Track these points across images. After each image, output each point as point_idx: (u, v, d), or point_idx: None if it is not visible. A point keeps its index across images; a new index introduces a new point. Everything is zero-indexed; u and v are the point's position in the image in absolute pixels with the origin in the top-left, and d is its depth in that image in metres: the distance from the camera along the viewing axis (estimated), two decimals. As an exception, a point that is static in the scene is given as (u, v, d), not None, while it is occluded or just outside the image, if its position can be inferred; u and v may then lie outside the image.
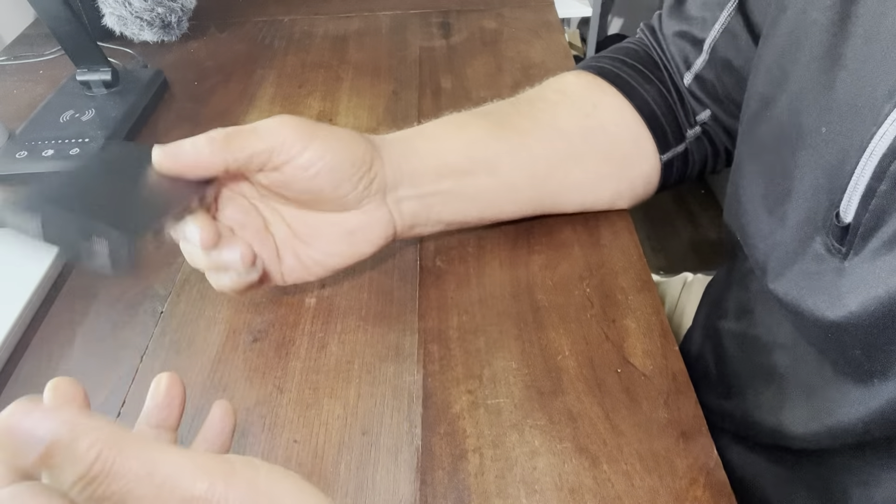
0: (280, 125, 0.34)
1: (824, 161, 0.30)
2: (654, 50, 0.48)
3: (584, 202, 0.46)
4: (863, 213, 0.27)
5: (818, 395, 0.33)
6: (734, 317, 0.44)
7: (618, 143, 0.45)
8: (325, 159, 0.35)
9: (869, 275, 0.27)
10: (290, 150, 0.34)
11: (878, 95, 0.27)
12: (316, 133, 0.35)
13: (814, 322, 0.30)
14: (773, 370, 0.38)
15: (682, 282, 0.63)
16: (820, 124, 0.30)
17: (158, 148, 0.32)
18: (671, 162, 0.46)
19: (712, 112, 0.45)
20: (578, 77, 0.47)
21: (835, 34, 0.30)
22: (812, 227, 0.31)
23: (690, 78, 0.45)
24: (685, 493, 0.33)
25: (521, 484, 0.33)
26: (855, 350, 0.28)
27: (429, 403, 0.37)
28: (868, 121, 0.27)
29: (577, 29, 1.88)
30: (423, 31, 0.75)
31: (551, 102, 0.45)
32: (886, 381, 0.27)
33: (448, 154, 0.41)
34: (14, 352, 0.42)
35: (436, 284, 0.44)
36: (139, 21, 0.71)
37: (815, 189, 0.31)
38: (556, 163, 0.43)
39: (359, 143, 0.37)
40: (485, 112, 0.45)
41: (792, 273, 0.32)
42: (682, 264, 1.56)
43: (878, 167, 0.26)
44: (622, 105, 0.45)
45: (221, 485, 0.19)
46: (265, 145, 0.34)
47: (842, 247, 0.29)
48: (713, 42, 0.43)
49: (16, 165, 0.56)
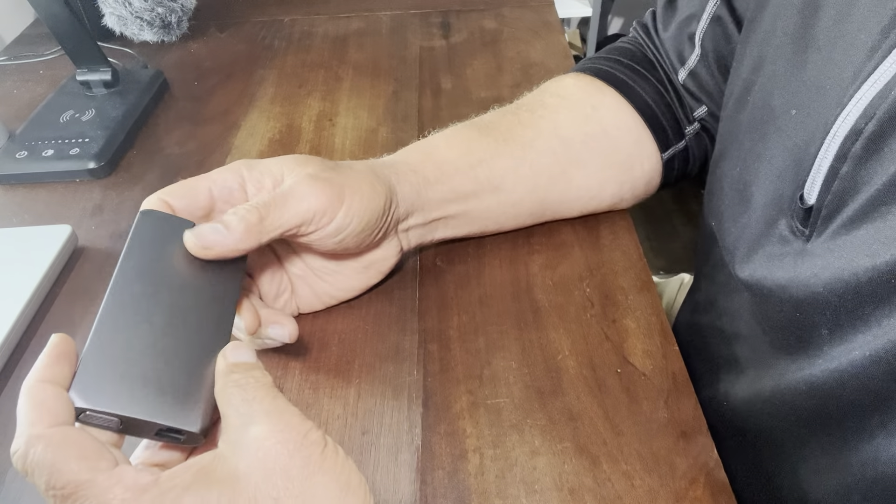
0: (310, 194, 0.33)
1: (791, 143, 0.30)
2: (648, 48, 0.48)
3: (585, 207, 0.46)
4: (825, 194, 0.27)
5: (766, 374, 0.34)
6: (703, 310, 0.44)
7: (619, 145, 0.45)
8: (353, 225, 0.35)
9: (831, 255, 0.27)
10: (320, 222, 0.34)
11: (844, 76, 0.27)
12: (342, 197, 0.34)
13: (779, 304, 0.30)
14: (733, 359, 0.39)
15: (679, 283, 0.64)
16: (790, 106, 0.30)
17: (192, 236, 0.31)
18: (672, 159, 0.46)
19: (708, 107, 0.45)
20: (577, 79, 0.47)
21: (807, 14, 0.30)
22: (777, 210, 0.31)
23: (685, 74, 0.45)
24: (685, 493, 0.33)
25: (521, 484, 0.33)
26: (822, 330, 0.28)
27: (429, 403, 0.37)
28: (833, 102, 0.27)
29: (577, 29, 1.88)
30: (423, 31, 0.75)
31: (551, 108, 0.45)
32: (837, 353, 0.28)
33: (455, 178, 0.41)
34: (14, 352, 0.42)
35: (436, 284, 0.44)
36: (139, 21, 0.71)
37: (781, 171, 0.31)
38: (558, 172, 0.44)
39: (380, 195, 0.36)
40: (489, 125, 0.44)
41: (758, 256, 0.32)
42: (682, 264, 1.56)
43: (841, 148, 0.26)
44: (621, 106, 0.45)
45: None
46: (298, 220, 0.33)
47: (805, 229, 0.29)
48: (702, 34, 0.43)
49: (16, 165, 0.56)
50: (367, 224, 0.36)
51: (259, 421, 0.25)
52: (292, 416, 0.25)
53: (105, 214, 0.53)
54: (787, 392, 0.32)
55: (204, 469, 0.24)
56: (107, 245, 0.50)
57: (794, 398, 0.31)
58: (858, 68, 0.26)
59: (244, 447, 0.24)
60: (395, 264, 0.42)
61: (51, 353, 0.26)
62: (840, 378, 0.28)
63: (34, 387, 0.24)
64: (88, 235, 0.51)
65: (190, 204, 0.33)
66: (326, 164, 0.36)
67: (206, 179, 0.34)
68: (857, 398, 0.27)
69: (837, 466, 0.30)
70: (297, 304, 0.41)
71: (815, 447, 0.32)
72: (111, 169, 0.57)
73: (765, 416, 0.35)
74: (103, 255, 0.49)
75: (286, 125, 0.61)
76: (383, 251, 0.40)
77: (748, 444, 0.38)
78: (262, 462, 0.24)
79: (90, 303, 0.45)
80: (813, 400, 0.30)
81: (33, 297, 0.44)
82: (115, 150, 0.58)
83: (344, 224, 0.35)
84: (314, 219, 0.34)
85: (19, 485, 0.36)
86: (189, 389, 0.27)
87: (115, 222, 0.52)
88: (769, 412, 0.34)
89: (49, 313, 0.45)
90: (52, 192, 0.56)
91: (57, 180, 0.56)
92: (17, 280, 0.45)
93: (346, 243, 0.36)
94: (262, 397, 0.26)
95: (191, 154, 0.59)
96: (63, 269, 0.48)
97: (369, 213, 0.35)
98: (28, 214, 0.53)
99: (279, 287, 0.39)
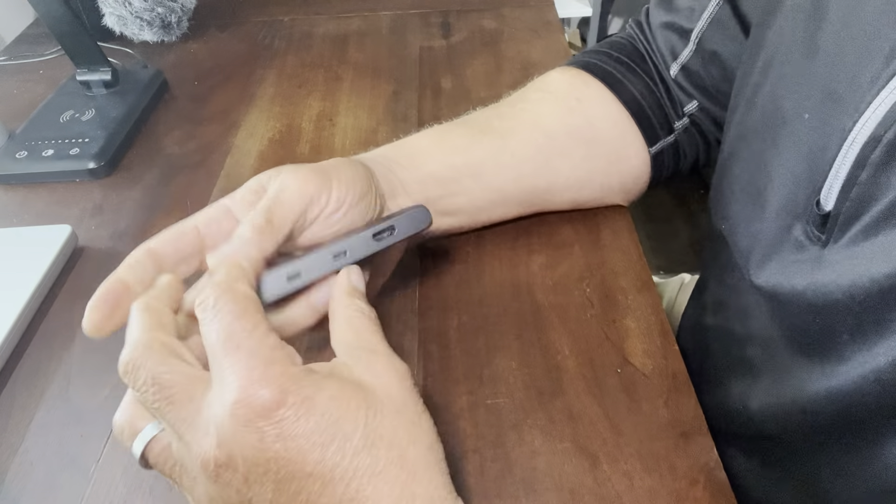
0: (299, 182, 0.33)
1: (805, 148, 0.30)
2: (640, 42, 0.48)
3: (574, 199, 0.46)
4: (843, 201, 0.27)
5: (785, 380, 0.33)
6: (712, 311, 0.44)
7: (604, 137, 0.45)
8: (350, 194, 0.35)
9: (851, 261, 0.27)
10: (320, 201, 0.34)
11: (859, 82, 0.27)
12: (328, 175, 0.34)
13: (798, 310, 0.30)
14: (746, 361, 0.38)
15: (680, 283, 0.64)
16: (801, 111, 0.30)
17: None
18: (660, 154, 0.46)
19: (699, 103, 0.45)
20: (562, 73, 0.47)
21: (813, 18, 0.30)
22: (792, 215, 0.31)
23: (677, 69, 0.45)
24: (685, 493, 0.33)
25: (521, 484, 0.33)
26: (843, 335, 0.28)
27: (429, 403, 0.37)
28: (850, 108, 0.27)
29: (577, 29, 1.88)
30: (423, 31, 0.75)
31: (533, 101, 0.45)
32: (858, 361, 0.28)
33: (430, 164, 0.41)
34: (14, 352, 0.42)
35: (436, 284, 0.44)
36: (139, 21, 0.71)
37: (795, 176, 0.31)
38: (542, 162, 0.43)
39: (358, 167, 0.37)
40: (465, 120, 0.45)
41: (774, 262, 0.32)
42: (682, 264, 1.56)
43: (860, 155, 0.26)
44: (607, 98, 0.45)
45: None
46: (301, 206, 0.33)
47: (822, 234, 0.29)
48: (700, 33, 0.43)
49: (16, 165, 0.56)
50: (362, 191, 0.36)
51: (380, 352, 0.28)
52: (402, 362, 0.28)
53: (105, 214, 0.53)
54: (805, 395, 0.32)
55: (336, 369, 0.27)
56: (107, 245, 0.50)
57: (813, 402, 0.31)
58: (875, 74, 0.26)
59: (370, 368, 0.27)
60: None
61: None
62: (862, 384, 0.28)
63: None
64: (88, 235, 0.51)
65: (178, 250, 0.32)
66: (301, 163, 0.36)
67: (191, 219, 0.33)
68: (879, 403, 0.27)
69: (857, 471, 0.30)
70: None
71: (835, 451, 0.32)
72: (111, 169, 0.57)
73: (781, 419, 0.35)
74: (103, 255, 0.49)
75: (286, 125, 0.61)
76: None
77: (761, 446, 0.38)
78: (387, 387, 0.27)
79: (90, 303, 0.45)
80: (833, 405, 0.30)
81: (33, 297, 0.44)
82: (114, 150, 0.58)
83: (342, 195, 0.34)
84: (312, 201, 0.33)
85: (19, 485, 0.36)
86: None
87: (115, 222, 0.52)
88: (785, 415, 0.34)
89: (49, 313, 0.45)
90: (52, 192, 0.56)
91: (57, 180, 0.56)
92: (17, 280, 0.45)
93: (352, 215, 0.35)
94: (376, 330, 0.29)
95: (191, 154, 0.59)
96: (63, 269, 0.48)
97: (359, 182, 0.36)
98: (28, 214, 0.53)
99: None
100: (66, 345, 0.43)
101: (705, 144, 0.48)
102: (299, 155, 0.57)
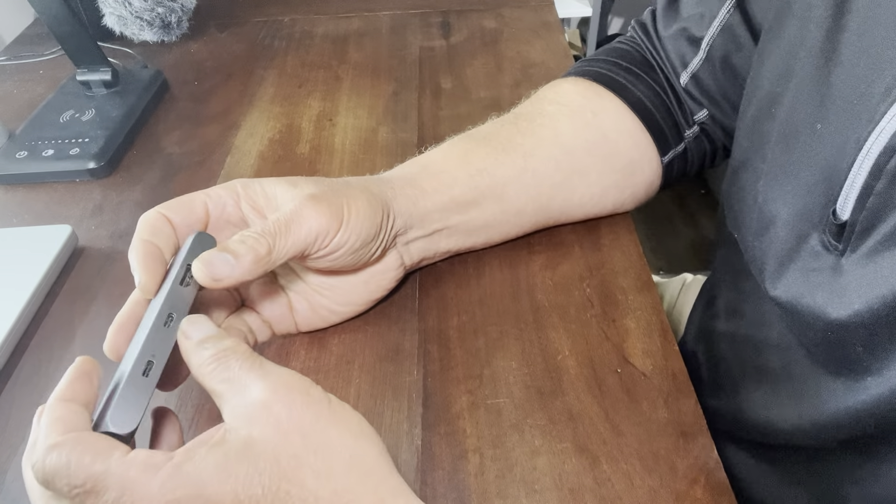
0: (312, 216, 0.33)
1: (820, 158, 0.30)
2: (647, 50, 0.47)
3: (588, 214, 0.46)
4: (860, 210, 0.27)
5: (808, 392, 0.33)
6: (725, 317, 0.44)
7: (620, 151, 0.45)
8: (349, 242, 0.35)
9: (870, 273, 0.27)
10: (323, 242, 0.34)
11: (874, 92, 0.27)
12: (341, 215, 0.34)
13: (813, 321, 0.30)
14: (763, 369, 0.38)
15: (682, 283, 0.63)
16: (815, 120, 0.30)
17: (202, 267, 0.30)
18: (672, 162, 0.46)
19: (709, 111, 0.45)
20: (575, 84, 0.46)
21: (830, 28, 0.30)
22: (808, 224, 0.31)
23: (687, 78, 0.45)
24: (685, 493, 0.33)
25: (521, 484, 0.33)
26: (857, 347, 0.28)
27: (429, 403, 0.37)
28: (864, 118, 0.27)
29: (577, 29, 1.87)
30: (423, 31, 0.75)
31: (550, 116, 0.44)
32: (881, 377, 0.27)
33: (454, 188, 0.41)
34: (14, 352, 0.42)
35: (436, 284, 0.44)
36: (139, 21, 0.71)
37: (810, 186, 0.31)
38: (561, 181, 0.43)
39: (377, 211, 0.36)
40: (487, 135, 0.44)
41: (790, 272, 0.32)
42: (682, 264, 1.56)
43: (876, 165, 0.26)
44: (621, 110, 0.45)
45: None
46: (303, 245, 0.33)
47: (838, 244, 0.29)
48: (711, 40, 0.42)
49: (16, 165, 0.56)
50: (363, 241, 0.35)
51: (256, 387, 0.26)
52: (289, 376, 0.26)
53: (105, 214, 0.53)
54: (827, 410, 0.32)
55: (218, 442, 0.25)
56: (107, 245, 0.50)
57: (835, 417, 0.31)
58: (890, 85, 0.26)
59: (251, 415, 0.25)
60: (396, 279, 0.41)
61: (72, 373, 0.27)
62: (880, 396, 0.28)
63: (53, 405, 0.26)
64: (88, 235, 0.51)
65: (187, 217, 0.33)
66: (323, 183, 0.36)
67: (202, 194, 0.34)
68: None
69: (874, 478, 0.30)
70: (295, 322, 0.39)
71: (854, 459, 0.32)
72: (111, 169, 0.57)
73: (805, 430, 0.34)
74: (103, 255, 0.49)
75: (286, 125, 0.61)
76: (383, 265, 0.39)
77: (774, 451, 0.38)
78: (276, 425, 0.25)
79: (90, 303, 0.45)
80: (849, 417, 0.30)
81: (33, 297, 0.44)
82: (114, 150, 0.58)
83: (341, 242, 0.34)
84: (316, 241, 0.33)
85: (19, 485, 0.36)
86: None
87: (115, 222, 0.52)
88: (809, 427, 0.34)
89: (49, 313, 0.45)
90: (52, 192, 0.56)
91: (57, 180, 0.56)
92: (17, 280, 0.45)
93: (342, 261, 0.35)
94: (248, 365, 0.26)
95: (191, 154, 0.59)
96: (63, 269, 0.48)
97: (366, 230, 0.35)
98: (28, 214, 0.53)
99: (275, 304, 0.38)
100: (66, 345, 0.43)
101: (712, 150, 0.48)
102: (299, 155, 0.57)
